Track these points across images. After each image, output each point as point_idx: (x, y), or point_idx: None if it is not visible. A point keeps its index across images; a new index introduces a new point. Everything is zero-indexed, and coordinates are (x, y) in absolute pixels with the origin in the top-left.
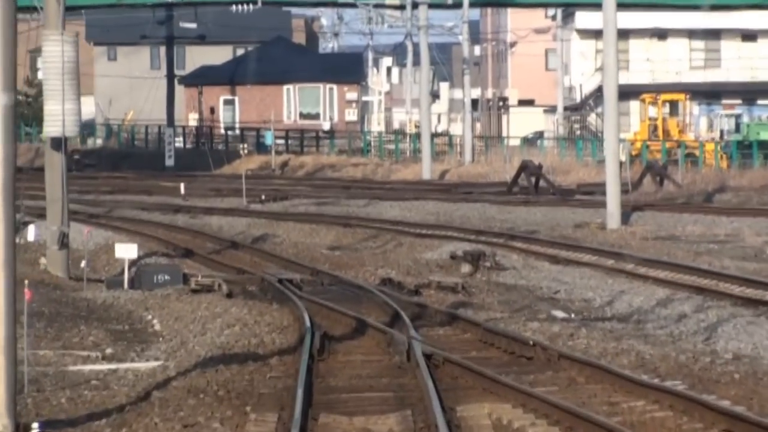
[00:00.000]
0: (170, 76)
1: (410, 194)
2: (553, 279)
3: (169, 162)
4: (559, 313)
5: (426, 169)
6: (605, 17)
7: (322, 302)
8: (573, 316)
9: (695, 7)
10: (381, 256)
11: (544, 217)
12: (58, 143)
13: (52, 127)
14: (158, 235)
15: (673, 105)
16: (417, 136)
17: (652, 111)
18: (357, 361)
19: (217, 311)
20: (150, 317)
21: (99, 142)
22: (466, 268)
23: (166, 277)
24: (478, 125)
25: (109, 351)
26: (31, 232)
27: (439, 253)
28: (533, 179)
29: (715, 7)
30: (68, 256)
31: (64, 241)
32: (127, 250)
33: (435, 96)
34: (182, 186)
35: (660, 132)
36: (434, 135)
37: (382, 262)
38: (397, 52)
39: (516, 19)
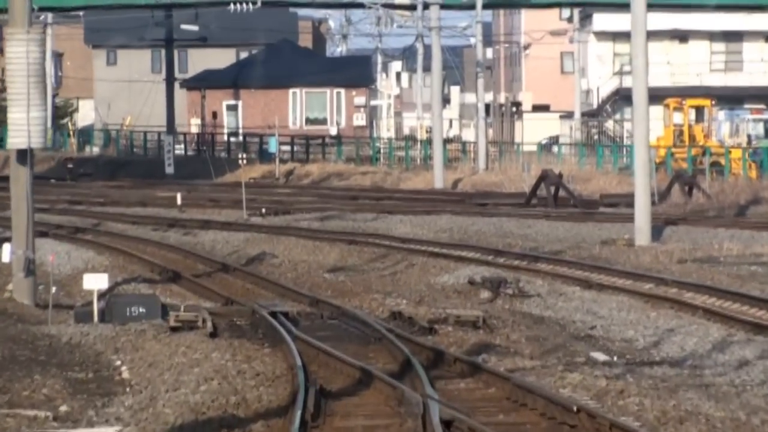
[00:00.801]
0: (170, 80)
1: (421, 206)
2: (587, 311)
3: (169, 170)
4: (600, 356)
5: (438, 178)
6: (634, 16)
7: (320, 345)
8: (616, 359)
9: (718, 7)
10: (390, 280)
11: (567, 233)
12: (23, 156)
13: (16, 138)
14: (145, 255)
15: (699, 111)
16: (428, 143)
17: (677, 117)
18: (359, 428)
19: (197, 357)
20: (119, 362)
21: (96, 149)
22: (485, 294)
23: (141, 309)
24: (490, 131)
25: (63, 408)
26: (6, 252)
27: (456, 277)
28: (553, 190)
29: (719, 7)
30: (35, 282)
31: (30, 268)
32: (96, 281)
33: (446, 100)
34: (179, 197)
35: (686, 138)
36: (446, 141)
37: (391, 287)
38: (407, 55)
39: (530, 21)
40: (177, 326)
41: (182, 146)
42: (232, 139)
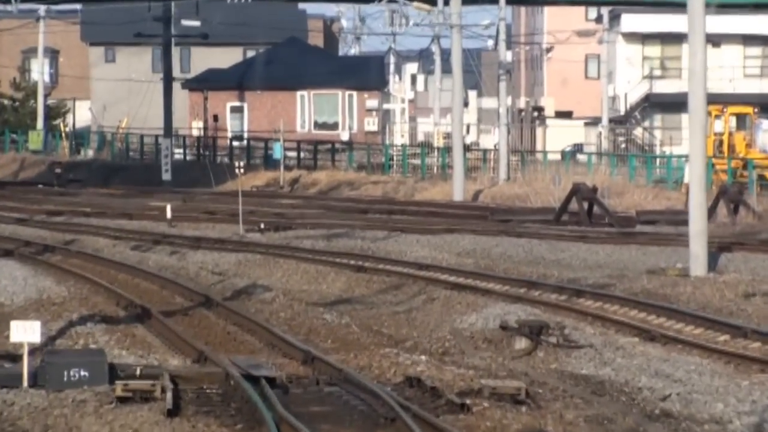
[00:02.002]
0: (168, 79)
1: (439, 223)
2: (655, 372)
3: (166, 176)
4: None
5: (458, 189)
6: (691, 12)
7: None
8: None
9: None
10: (405, 320)
11: (607, 258)
12: None
13: None
14: (115, 284)
15: (740, 119)
16: (446, 150)
17: (718, 125)
18: None
19: None
20: None
21: (90, 153)
22: (522, 343)
23: (84, 372)
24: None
25: None
26: None
27: (484, 318)
28: (586, 205)
29: (721, 6)
30: None
31: None
32: (27, 330)
33: (463, 104)
34: (168, 209)
35: (725, 148)
36: (467, 148)
37: (407, 330)
38: (423, 56)
39: (552, 22)
40: (126, 397)
41: (181, 151)
42: (236, 143)
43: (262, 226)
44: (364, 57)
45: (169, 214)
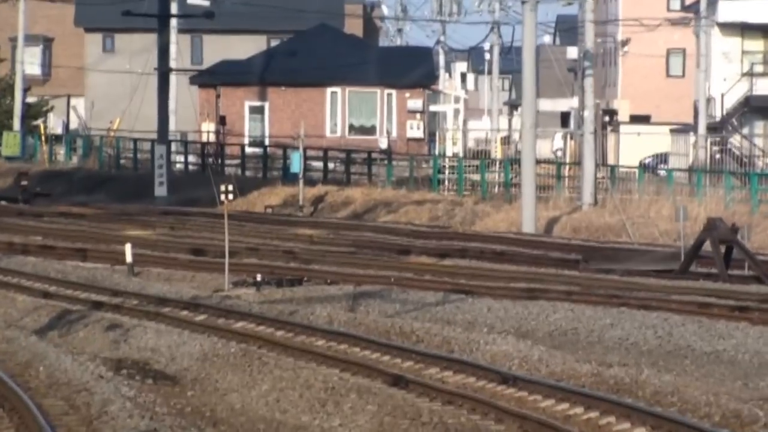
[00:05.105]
0: (163, 71)
1: (515, 275)
2: None
3: (160, 191)
4: None
5: (528, 218)
6: None
7: None
8: None
9: None
10: None
11: None
12: None
13: None
14: None
15: None
16: (510, 163)
17: None
18: None
19: None
20: None
21: (75, 160)
22: None
23: None
24: (571, 144)
25: None
26: None
27: None
28: (723, 250)
29: None
30: None
31: None
32: None
33: (513, 106)
34: (129, 251)
35: None
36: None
37: None
38: (472, 54)
39: (629, 10)
40: None
41: (191, 158)
42: (253, 150)
43: (258, 278)
44: (407, 48)
45: (129, 258)
